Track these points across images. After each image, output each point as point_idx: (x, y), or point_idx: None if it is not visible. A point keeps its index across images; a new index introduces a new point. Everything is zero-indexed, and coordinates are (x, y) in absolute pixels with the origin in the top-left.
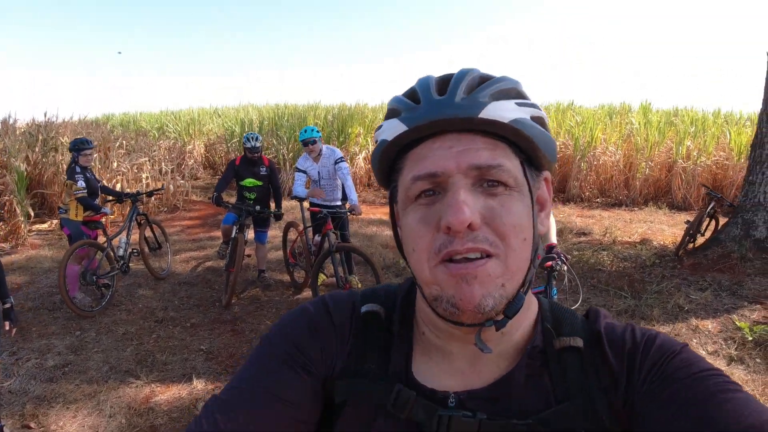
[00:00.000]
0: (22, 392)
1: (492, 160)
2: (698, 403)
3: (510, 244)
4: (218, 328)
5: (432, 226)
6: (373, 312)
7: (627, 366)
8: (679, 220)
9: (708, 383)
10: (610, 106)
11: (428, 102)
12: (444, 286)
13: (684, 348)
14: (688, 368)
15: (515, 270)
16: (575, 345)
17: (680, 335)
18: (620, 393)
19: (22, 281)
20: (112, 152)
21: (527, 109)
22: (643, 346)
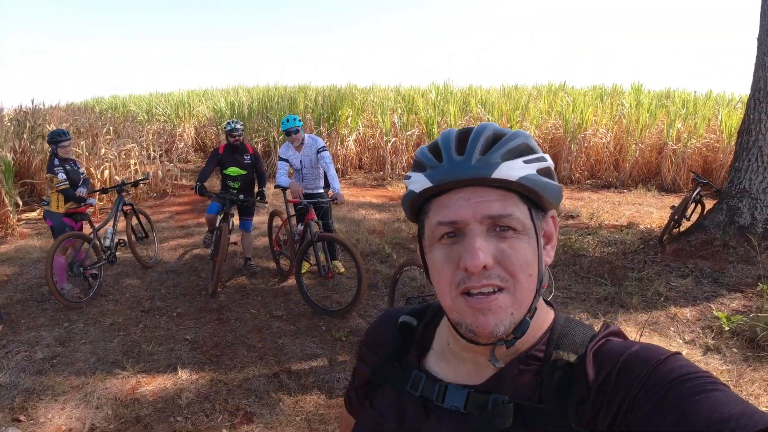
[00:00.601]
0: (12, 386)
1: (503, 210)
2: (676, 405)
3: (518, 279)
4: (204, 317)
5: (453, 263)
6: (405, 322)
7: (602, 381)
8: (667, 202)
9: (687, 386)
10: (602, 87)
11: (449, 161)
12: (464, 315)
13: (669, 357)
14: (668, 375)
15: (522, 300)
16: (567, 359)
17: (658, 323)
18: (589, 405)
19: (11, 272)
20: (100, 138)
21: (534, 164)
22: (622, 363)
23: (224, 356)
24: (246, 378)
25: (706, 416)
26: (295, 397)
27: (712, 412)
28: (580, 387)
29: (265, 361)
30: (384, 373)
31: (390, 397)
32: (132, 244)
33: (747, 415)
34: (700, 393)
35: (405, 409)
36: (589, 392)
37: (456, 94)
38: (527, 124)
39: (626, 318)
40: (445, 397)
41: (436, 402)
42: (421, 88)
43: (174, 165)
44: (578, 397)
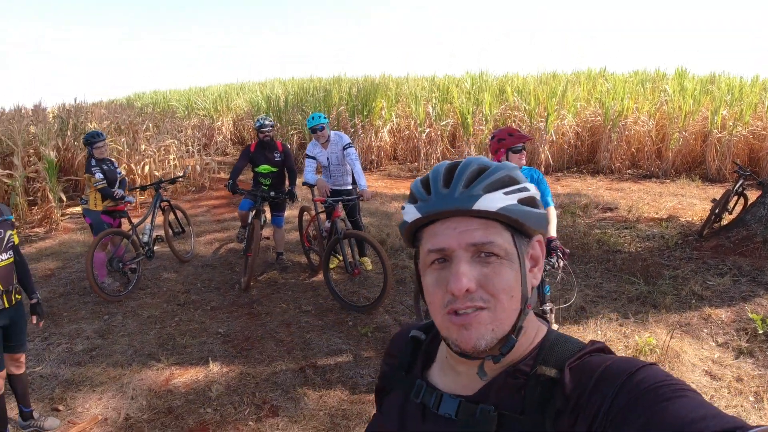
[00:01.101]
0: (53, 376)
1: (485, 238)
2: (646, 410)
3: (500, 300)
4: (236, 311)
5: (442, 287)
6: (415, 336)
7: (579, 394)
8: (712, 193)
9: (658, 393)
10: (644, 72)
11: (436, 194)
12: (450, 330)
13: (642, 367)
14: (641, 384)
15: (503, 319)
16: (549, 374)
17: (691, 324)
18: (566, 417)
19: (54, 267)
20: (140, 135)
21: (515, 195)
22: (597, 376)
23: (254, 350)
24: (273, 372)
25: (673, 420)
26: (319, 392)
27: (679, 416)
28: (558, 400)
29: (292, 355)
30: (392, 381)
31: (395, 403)
32: (169, 239)
33: (711, 417)
34: (670, 399)
35: (407, 413)
36: (567, 405)
37: (491, 83)
38: (564, 112)
39: (657, 319)
40: (440, 405)
41: (432, 409)
42: (456, 77)
43: (212, 159)
44: (556, 410)
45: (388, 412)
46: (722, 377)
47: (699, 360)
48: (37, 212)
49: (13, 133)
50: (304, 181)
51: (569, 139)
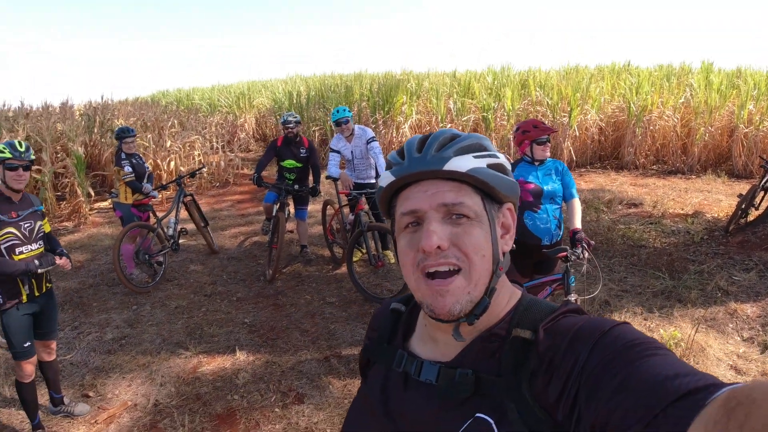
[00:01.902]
0: (83, 364)
1: (455, 199)
2: (621, 369)
3: (472, 259)
4: (261, 302)
5: (414, 247)
6: (395, 308)
7: (552, 354)
8: (738, 189)
9: (632, 351)
10: (669, 66)
11: (409, 159)
12: (425, 295)
13: (614, 327)
14: (614, 343)
15: (477, 280)
16: (524, 336)
17: (716, 319)
18: (540, 377)
19: (83, 259)
20: (165, 131)
21: (484, 159)
22: (570, 336)
23: (279, 339)
24: (299, 361)
25: (648, 377)
26: (343, 380)
27: (653, 374)
28: (533, 361)
29: (317, 345)
30: (374, 353)
31: (378, 374)
32: (201, 229)
33: (684, 374)
34: (644, 357)
35: (389, 382)
36: (541, 365)
37: (513, 78)
38: (588, 106)
39: (682, 313)
40: (421, 372)
41: (413, 376)
42: (477, 72)
43: (235, 155)
44: (531, 370)
45: (372, 383)
46: (747, 372)
47: (724, 354)
48: (66, 207)
49: (41, 129)
50: (328, 174)
51: (593, 134)
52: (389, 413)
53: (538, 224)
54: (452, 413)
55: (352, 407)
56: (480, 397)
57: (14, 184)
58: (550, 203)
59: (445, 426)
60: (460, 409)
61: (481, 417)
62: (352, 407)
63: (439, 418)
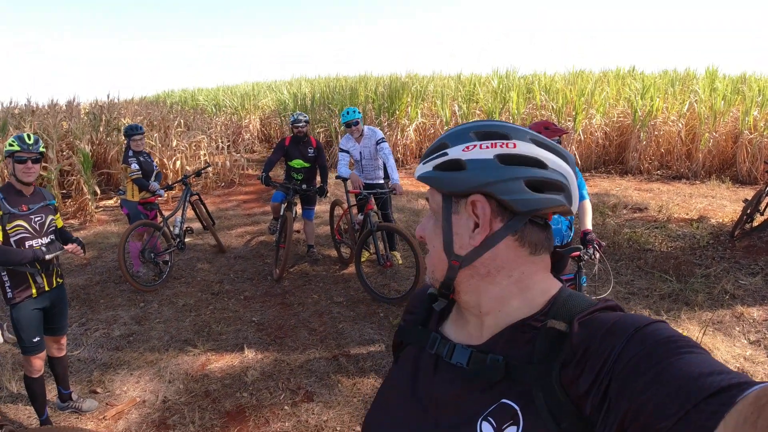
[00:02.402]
0: (90, 360)
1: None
2: (653, 366)
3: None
4: (269, 301)
5: None
6: (432, 293)
7: (586, 347)
8: (742, 195)
9: (667, 348)
10: (674, 71)
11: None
12: None
13: (650, 324)
14: (648, 340)
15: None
16: (558, 327)
17: (723, 322)
18: (571, 368)
19: (90, 256)
20: (171, 131)
21: (431, 162)
22: (605, 330)
23: (287, 338)
24: (307, 359)
25: (681, 374)
26: (353, 379)
27: (687, 371)
28: (565, 352)
29: (325, 344)
30: (409, 335)
31: (410, 355)
32: (210, 228)
33: (718, 372)
34: (679, 354)
35: (420, 363)
36: (573, 356)
37: (518, 82)
38: (593, 111)
39: (690, 316)
40: (453, 355)
41: (444, 359)
42: (482, 75)
43: (241, 155)
44: (563, 361)
45: (403, 363)
46: (755, 374)
47: (731, 357)
48: (72, 204)
49: (47, 127)
50: (338, 174)
51: (597, 138)
52: (417, 394)
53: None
54: (479, 397)
55: (381, 387)
56: (508, 383)
57: (24, 177)
58: None
59: (470, 408)
60: (487, 393)
61: (507, 403)
62: (381, 387)
63: (466, 401)
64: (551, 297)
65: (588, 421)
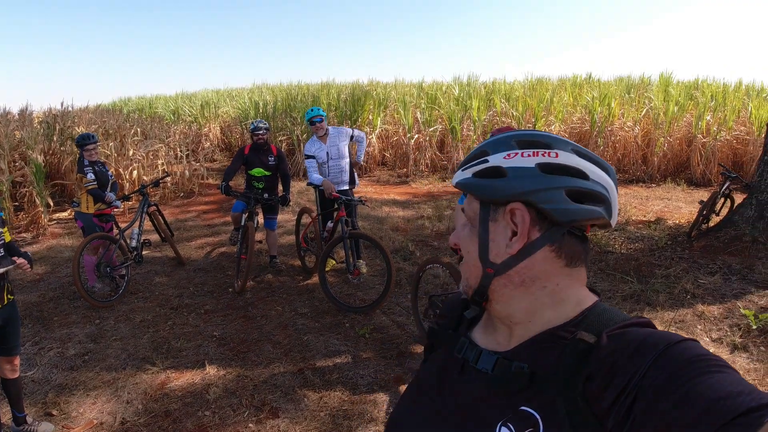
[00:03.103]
0: (45, 381)
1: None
2: (681, 386)
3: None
4: (231, 314)
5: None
6: (465, 298)
7: (614, 361)
8: (697, 197)
9: (696, 366)
10: (629, 78)
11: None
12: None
13: (681, 342)
14: (678, 358)
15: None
16: (587, 340)
17: (685, 321)
18: (597, 382)
19: (43, 271)
20: (128, 139)
21: (470, 169)
22: (635, 346)
23: (250, 352)
24: (272, 374)
25: (706, 395)
26: (319, 392)
27: (714, 391)
28: (592, 365)
29: (290, 357)
30: (438, 337)
31: (439, 357)
32: (169, 239)
33: (747, 393)
34: (707, 374)
35: (447, 366)
36: (600, 370)
37: (479, 89)
38: (552, 118)
39: (652, 316)
40: (479, 360)
41: (471, 364)
42: (443, 83)
43: (201, 164)
44: (588, 374)
45: (431, 365)
46: None
47: None
48: (24, 217)
49: None
50: (309, 182)
51: None
52: (442, 396)
53: None
54: (501, 402)
55: (409, 386)
56: (532, 392)
57: None
58: None
59: (491, 413)
60: (509, 400)
61: (528, 411)
62: (409, 386)
63: (488, 406)
64: (584, 309)
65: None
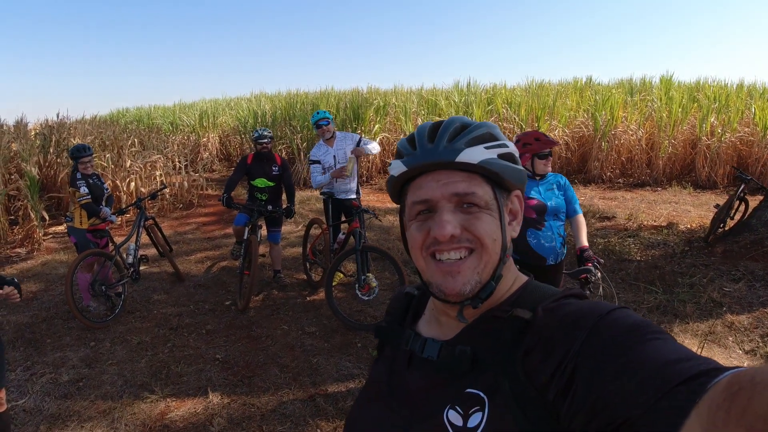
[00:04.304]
0: (37, 411)
1: (467, 189)
2: (620, 355)
3: (484, 242)
4: (234, 334)
5: (424, 232)
6: (408, 292)
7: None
8: (704, 200)
9: (633, 335)
10: (630, 81)
11: (421, 149)
12: (434, 276)
13: (614, 310)
14: (613, 327)
15: (487, 262)
16: (522, 316)
17: (715, 333)
18: (535, 355)
19: (36, 289)
20: (125, 151)
21: (495, 150)
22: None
23: (256, 377)
24: (280, 402)
25: (648, 362)
26: (333, 422)
27: (654, 358)
28: (529, 339)
29: (299, 382)
30: (384, 334)
31: (388, 353)
32: (167, 254)
33: (686, 359)
34: (645, 342)
35: (396, 360)
36: (537, 343)
37: (480, 95)
38: (555, 122)
39: (683, 328)
40: (425, 349)
41: (417, 354)
42: (444, 89)
43: (199, 175)
44: (526, 348)
45: (382, 361)
46: None
47: None
48: (19, 232)
49: None
50: (316, 185)
51: (560, 149)
52: (392, 389)
53: (542, 242)
54: (448, 387)
55: (364, 385)
56: (476, 374)
57: None
58: (554, 220)
59: (440, 399)
60: (456, 384)
61: (474, 392)
62: (364, 385)
63: (436, 392)
64: (519, 287)
65: (552, 407)
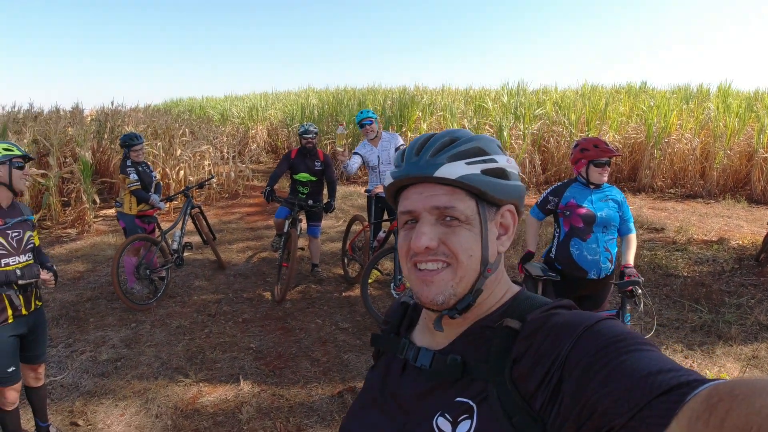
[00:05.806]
0: (74, 387)
1: (448, 203)
2: (605, 366)
3: (459, 258)
4: (269, 325)
5: (407, 242)
6: (404, 302)
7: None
8: (758, 215)
9: (618, 346)
10: (687, 88)
11: (407, 162)
12: (414, 284)
13: (600, 321)
14: (598, 338)
15: (462, 277)
16: (512, 326)
17: (759, 357)
18: (523, 364)
19: (84, 269)
20: (176, 140)
21: (478, 165)
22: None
23: (287, 369)
24: (309, 395)
25: (632, 372)
26: None
27: (638, 369)
28: (518, 348)
29: (328, 377)
30: (381, 342)
31: (384, 361)
32: (211, 243)
33: (668, 370)
34: (630, 352)
35: (390, 368)
36: (524, 353)
37: (529, 96)
38: (606, 127)
39: (726, 351)
40: (418, 358)
41: (411, 362)
42: (491, 89)
43: (246, 166)
44: (514, 357)
45: (378, 369)
46: None
47: None
48: (70, 213)
49: (49, 133)
50: (347, 170)
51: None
52: (386, 396)
53: (585, 255)
54: (439, 395)
55: (359, 393)
56: (466, 382)
57: (21, 185)
58: (603, 233)
59: (429, 408)
60: (447, 392)
61: (463, 401)
62: (359, 393)
63: (427, 400)
64: (510, 298)
65: (539, 416)
